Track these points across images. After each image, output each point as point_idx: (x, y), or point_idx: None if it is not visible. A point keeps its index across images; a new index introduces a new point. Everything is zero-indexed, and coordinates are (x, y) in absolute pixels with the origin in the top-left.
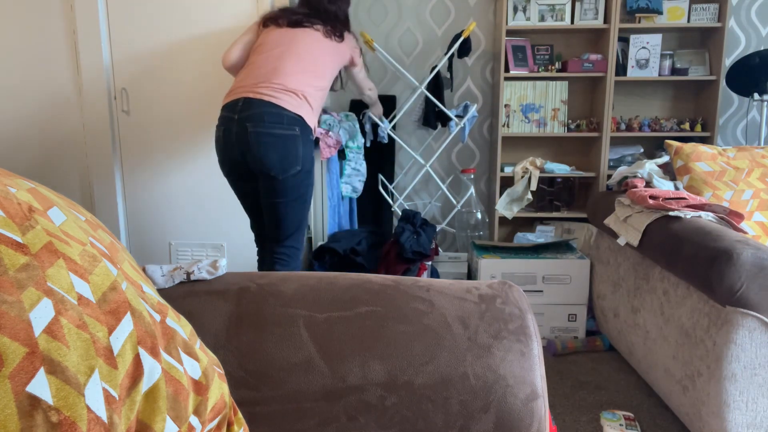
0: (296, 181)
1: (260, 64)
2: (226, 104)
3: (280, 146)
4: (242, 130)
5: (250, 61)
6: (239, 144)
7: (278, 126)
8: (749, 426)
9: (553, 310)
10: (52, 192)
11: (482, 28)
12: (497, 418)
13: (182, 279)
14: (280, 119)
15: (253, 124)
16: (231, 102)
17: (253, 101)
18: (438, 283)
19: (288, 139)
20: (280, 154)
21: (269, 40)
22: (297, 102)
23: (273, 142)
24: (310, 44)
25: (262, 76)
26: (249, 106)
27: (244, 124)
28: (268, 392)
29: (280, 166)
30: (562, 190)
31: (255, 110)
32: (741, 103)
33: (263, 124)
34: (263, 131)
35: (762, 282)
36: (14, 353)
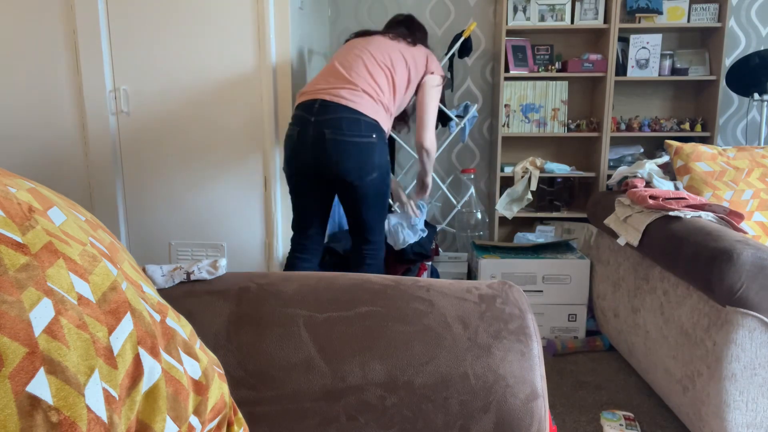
0: (374, 186)
1: (335, 67)
2: (302, 104)
3: (356, 154)
4: (319, 135)
5: (326, 66)
6: (314, 148)
7: (356, 133)
8: (749, 426)
9: (553, 310)
10: (52, 192)
11: (482, 28)
12: (497, 418)
13: (182, 279)
14: (358, 126)
15: (331, 130)
16: (307, 102)
17: (330, 105)
18: (438, 283)
19: (365, 147)
20: (357, 162)
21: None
22: (373, 106)
23: (350, 150)
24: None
25: (337, 77)
26: (326, 109)
27: (321, 129)
28: (268, 392)
29: (357, 173)
30: (562, 190)
31: (332, 115)
32: (741, 103)
33: (341, 131)
34: (341, 139)
35: (762, 282)
36: (14, 353)
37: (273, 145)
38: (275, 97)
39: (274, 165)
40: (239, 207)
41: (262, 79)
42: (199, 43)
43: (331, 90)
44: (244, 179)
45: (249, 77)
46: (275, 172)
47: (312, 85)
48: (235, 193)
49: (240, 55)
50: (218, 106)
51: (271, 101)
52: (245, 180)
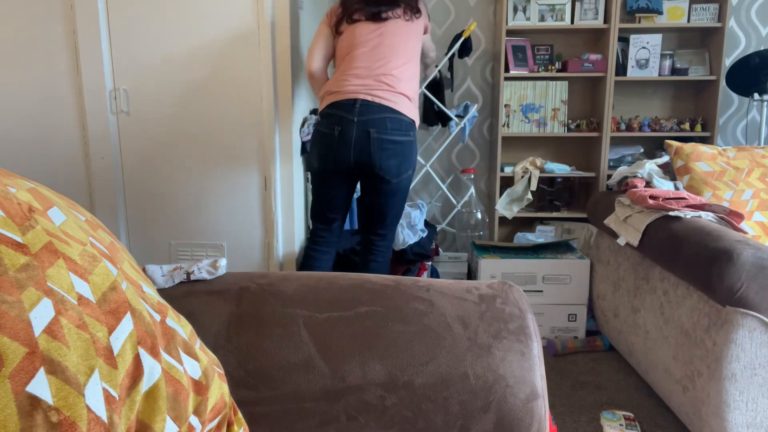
0: (406, 183)
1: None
2: (339, 102)
3: (399, 153)
4: (363, 134)
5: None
6: (357, 147)
7: (399, 133)
8: (749, 426)
9: (553, 310)
10: (52, 192)
11: (482, 28)
12: (497, 418)
13: (182, 279)
14: (400, 125)
15: (376, 130)
16: (346, 101)
17: (373, 105)
18: (438, 283)
19: (406, 146)
20: (399, 160)
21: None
22: (410, 106)
23: (394, 148)
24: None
25: (370, 75)
26: (368, 109)
27: (365, 129)
28: (268, 392)
29: (397, 171)
30: (562, 190)
31: (376, 115)
32: (741, 103)
33: (386, 131)
34: (387, 138)
35: (762, 282)
36: (14, 353)
37: (273, 145)
38: (275, 97)
39: (274, 165)
40: (239, 207)
41: (262, 77)
42: (198, 40)
43: (369, 90)
44: (244, 179)
45: (250, 75)
46: (275, 172)
47: (344, 82)
48: (235, 193)
49: (241, 54)
50: (219, 106)
51: (271, 101)
52: (245, 180)
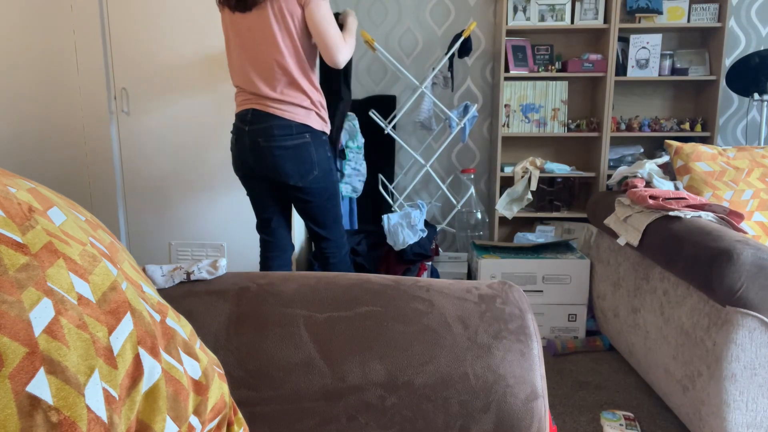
0: (318, 184)
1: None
2: (237, 113)
3: (293, 156)
4: (254, 144)
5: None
6: (253, 155)
7: (288, 137)
8: (749, 426)
9: (553, 310)
10: (52, 192)
11: (482, 28)
12: (497, 418)
13: (182, 279)
14: (290, 130)
15: (264, 138)
16: (241, 112)
17: (261, 114)
18: (438, 283)
19: (300, 148)
20: (294, 163)
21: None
22: (303, 112)
23: (286, 153)
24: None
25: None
26: (257, 118)
27: (255, 138)
28: (268, 392)
29: (298, 174)
30: (562, 190)
31: (264, 124)
32: (741, 103)
33: (274, 138)
34: (275, 145)
35: (762, 282)
36: (14, 353)
37: None
38: None
39: None
40: (239, 207)
41: None
42: (198, 40)
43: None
44: None
45: None
46: None
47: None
48: (235, 193)
49: None
50: (219, 106)
51: None
52: None
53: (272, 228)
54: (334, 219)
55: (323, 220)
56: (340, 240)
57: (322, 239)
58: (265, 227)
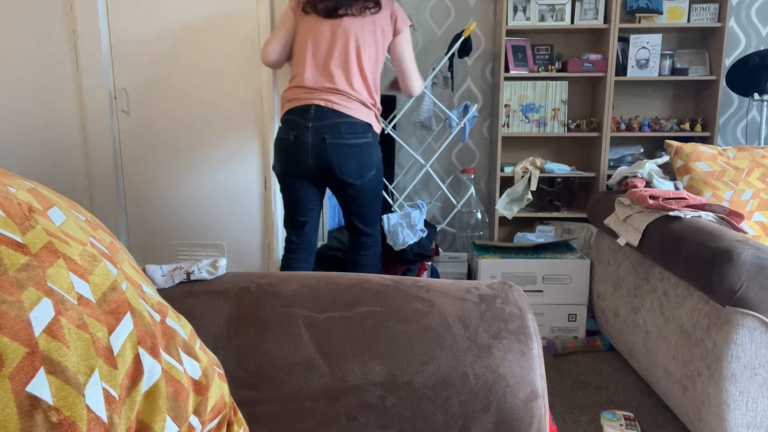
0: (372, 183)
1: (316, 65)
2: (295, 109)
3: (357, 155)
4: (319, 141)
5: (302, 58)
6: (315, 152)
7: (354, 136)
8: (749, 426)
9: (553, 310)
10: (52, 192)
11: (482, 28)
12: (497, 418)
13: (182, 279)
14: (355, 129)
15: (330, 135)
16: (301, 108)
17: (326, 111)
18: (438, 283)
19: (364, 147)
20: (358, 162)
21: (313, 35)
22: (366, 111)
23: (351, 152)
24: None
25: (323, 81)
26: (322, 115)
27: (321, 135)
28: (268, 392)
29: (358, 173)
30: (562, 190)
31: (330, 121)
32: (741, 103)
33: (341, 135)
34: (342, 142)
35: (762, 282)
36: (14, 353)
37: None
38: (276, 97)
39: None
40: (239, 207)
41: (262, 78)
42: (199, 41)
43: (323, 95)
44: (243, 179)
45: (250, 76)
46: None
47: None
48: (235, 193)
49: (242, 55)
50: (219, 106)
51: (271, 101)
52: (245, 180)
53: (305, 231)
54: (377, 216)
55: (369, 217)
56: (378, 237)
57: (363, 234)
58: (298, 229)
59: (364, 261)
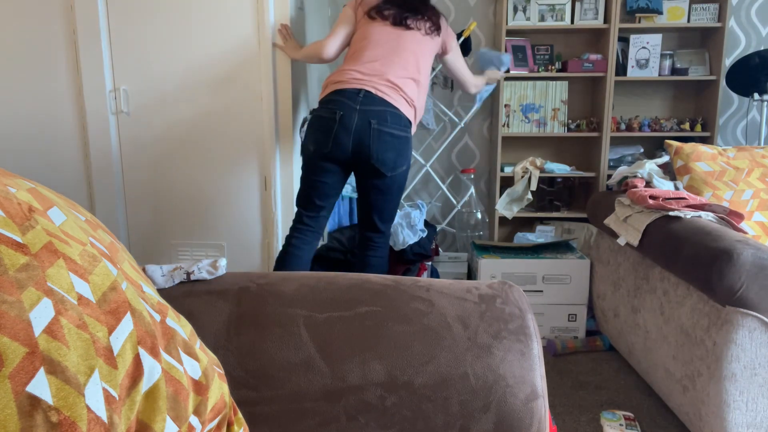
0: (401, 178)
1: (373, 59)
2: (344, 90)
3: (397, 146)
4: (364, 124)
5: (361, 51)
6: (357, 135)
7: (398, 127)
8: (749, 426)
9: (553, 310)
10: (52, 192)
11: (482, 28)
12: (497, 418)
13: (182, 279)
14: (399, 121)
15: (377, 121)
16: (350, 90)
17: (375, 98)
18: (438, 283)
19: (403, 141)
20: (396, 153)
21: (378, 36)
22: (409, 108)
23: (392, 141)
24: (416, 49)
25: (377, 72)
26: (371, 101)
27: (367, 119)
28: (268, 392)
29: (393, 164)
30: (562, 190)
31: (378, 107)
32: (741, 103)
33: (387, 123)
34: (386, 131)
35: (762, 282)
36: (14, 353)
37: (273, 145)
38: (275, 98)
39: (274, 165)
40: (239, 207)
41: (262, 77)
42: (199, 41)
43: (373, 83)
44: (244, 179)
45: (250, 75)
46: (275, 172)
47: (350, 73)
48: (235, 193)
49: (242, 55)
50: (219, 106)
51: (271, 101)
52: (245, 180)
53: (320, 215)
54: (394, 217)
55: (388, 214)
56: (388, 237)
57: (377, 232)
58: (313, 212)
59: (373, 261)
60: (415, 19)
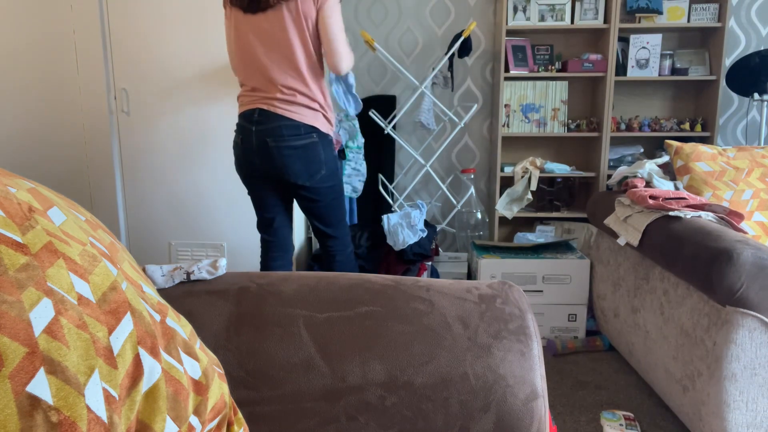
0: (325, 183)
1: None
2: (242, 113)
3: (302, 156)
4: (262, 144)
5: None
6: (260, 156)
7: (296, 137)
8: (749, 426)
9: (553, 310)
10: (52, 192)
11: (482, 28)
12: (497, 418)
13: (182, 279)
14: (297, 130)
15: (272, 138)
16: (247, 111)
17: (269, 114)
18: (438, 283)
19: (308, 148)
20: (303, 163)
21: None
22: (311, 113)
23: (295, 153)
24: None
25: (261, 81)
26: (265, 118)
27: (263, 138)
28: (268, 392)
29: (306, 173)
30: (562, 190)
31: (272, 124)
32: (741, 103)
33: (283, 138)
34: (284, 145)
35: (762, 282)
36: (14, 353)
37: None
38: None
39: None
40: (239, 207)
41: None
42: (199, 41)
43: (265, 99)
44: None
45: None
46: None
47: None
48: (235, 194)
49: None
50: (218, 106)
51: None
52: None
53: (275, 228)
54: (340, 218)
55: (329, 219)
56: (346, 238)
57: (328, 237)
58: (267, 227)
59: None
60: None
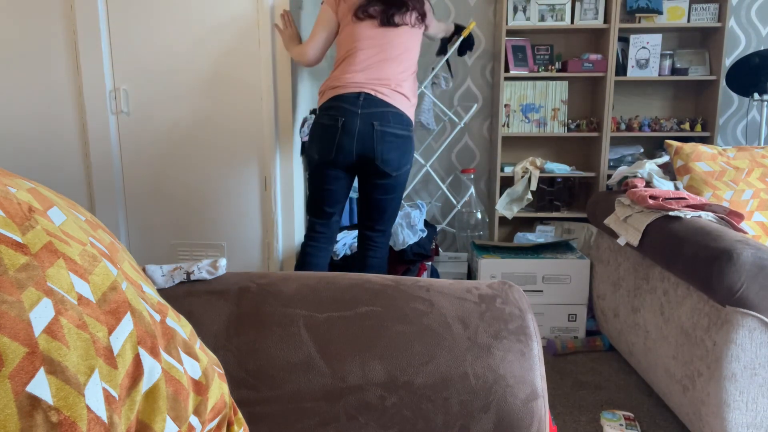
0: (404, 178)
1: (367, 60)
2: (343, 95)
3: (401, 146)
4: (367, 127)
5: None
6: (361, 138)
7: (401, 127)
8: (749, 426)
9: (553, 310)
10: (52, 192)
11: (482, 28)
12: (497, 418)
13: (182, 279)
14: (401, 120)
15: (379, 122)
16: (350, 94)
17: (376, 99)
18: (438, 283)
19: (406, 140)
20: (400, 153)
21: (368, 38)
22: (408, 105)
23: (396, 141)
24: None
25: (374, 74)
26: (372, 103)
27: (369, 121)
28: (268, 392)
29: (397, 164)
30: (562, 190)
31: (379, 109)
32: (741, 103)
33: (389, 124)
34: (389, 131)
35: (762, 282)
36: (14, 353)
37: (273, 145)
38: (275, 98)
39: (274, 165)
40: (239, 207)
41: (262, 77)
42: (198, 41)
43: (372, 86)
44: (244, 179)
45: (250, 75)
46: (275, 172)
47: (346, 75)
48: (235, 193)
49: (241, 55)
50: (218, 106)
51: (271, 101)
52: (245, 180)
53: (332, 221)
54: (395, 216)
55: (391, 213)
56: (389, 237)
57: (378, 232)
58: (324, 219)
59: (374, 262)
60: (401, 14)
